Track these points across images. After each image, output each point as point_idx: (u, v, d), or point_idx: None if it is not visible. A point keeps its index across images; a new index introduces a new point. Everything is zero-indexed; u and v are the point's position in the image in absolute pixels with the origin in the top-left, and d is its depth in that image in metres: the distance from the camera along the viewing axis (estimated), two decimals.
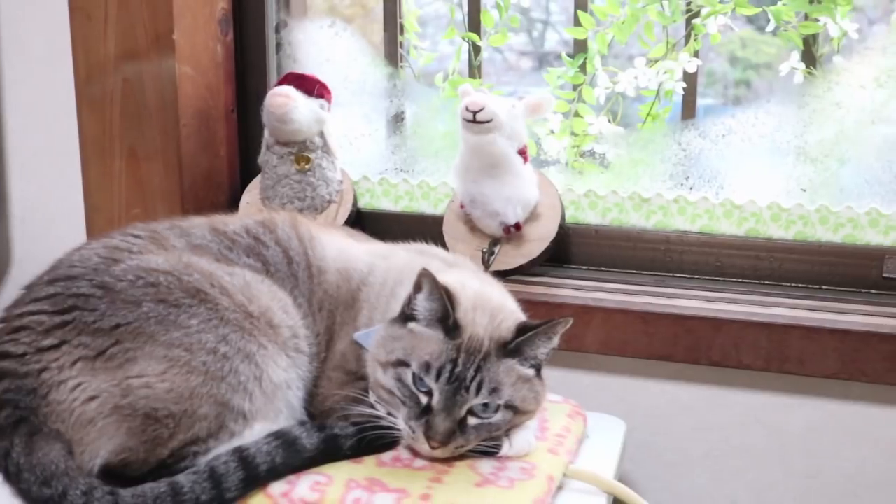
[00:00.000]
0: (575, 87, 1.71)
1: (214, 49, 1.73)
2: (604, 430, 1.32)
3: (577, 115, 1.72)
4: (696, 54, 1.63)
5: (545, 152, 1.73)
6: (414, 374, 1.08)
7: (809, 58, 1.58)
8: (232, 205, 1.76)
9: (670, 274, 1.60)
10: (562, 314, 1.12)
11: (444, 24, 1.79)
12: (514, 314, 1.17)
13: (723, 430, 1.46)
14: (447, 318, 1.10)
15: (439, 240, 1.55)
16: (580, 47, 1.70)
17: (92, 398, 1.04)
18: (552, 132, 1.73)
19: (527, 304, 1.24)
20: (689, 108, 1.66)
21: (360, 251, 1.29)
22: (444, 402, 1.07)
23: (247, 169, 1.82)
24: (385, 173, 1.79)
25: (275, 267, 1.21)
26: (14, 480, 1.04)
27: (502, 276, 1.45)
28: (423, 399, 1.08)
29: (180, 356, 1.06)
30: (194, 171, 1.69)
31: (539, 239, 1.55)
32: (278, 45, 1.83)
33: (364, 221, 1.72)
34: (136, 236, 1.20)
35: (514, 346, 1.10)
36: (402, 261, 1.26)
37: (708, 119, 1.64)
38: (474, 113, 1.47)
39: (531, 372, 1.13)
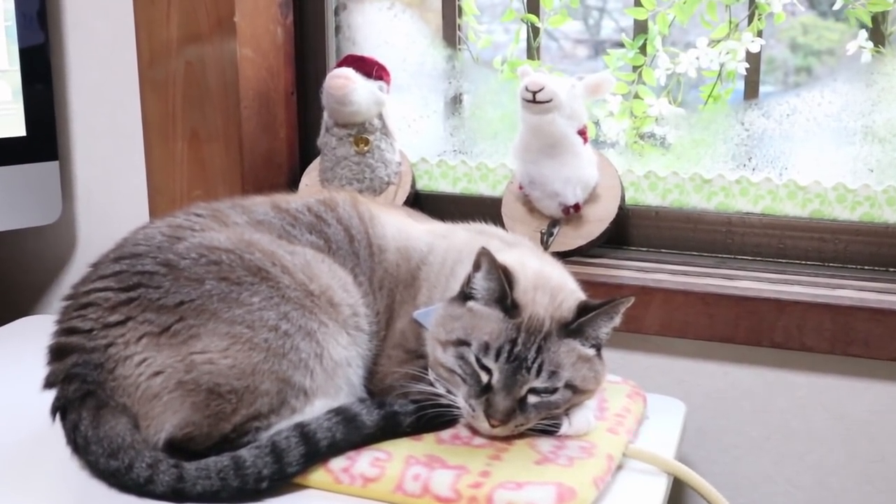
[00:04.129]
0: (635, 69, 1.70)
1: (275, 32, 1.74)
2: (663, 412, 1.31)
3: (636, 96, 1.70)
4: (759, 34, 1.60)
5: (604, 134, 1.71)
6: (474, 354, 1.08)
7: (878, 36, 1.54)
8: (291, 186, 1.77)
9: (731, 256, 1.58)
10: (621, 295, 1.11)
11: (503, 9, 1.78)
12: (574, 293, 1.16)
13: (784, 414, 1.43)
14: (506, 298, 1.10)
15: (498, 221, 1.54)
16: (640, 28, 1.68)
17: (157, 373, 1.06)
18: (611, 114, 1.71)
19: (586, 284, 1.23)
20: (752, 89, 1.63)
21: (420, 230, 1.29)
22: (503, 381, 1.07)
23: (306, 151, 1.83)
24: (443, 155, 1.79)
25: (336, 245, 1.22)
26: (82, 452, 1.05)
27: (561, 257, 1.43)
28: (484, 377, 1.08)
29: (242, 333, 1.07)
30: (254, 153, 1.71)
31: (598, 220, 1.54)
32: (337, 28, 1.84)
33: (422, 203, 1.72)
34: (198, 215, 1.21)
35: (575, 326, 1.10)
36: (462, 240, 1.26)
37: (771, 101, 1.61)
38: (534, 93, 1.46)
39: (592, 352, 1.12)
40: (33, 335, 1.18)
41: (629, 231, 1.63)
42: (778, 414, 1.44)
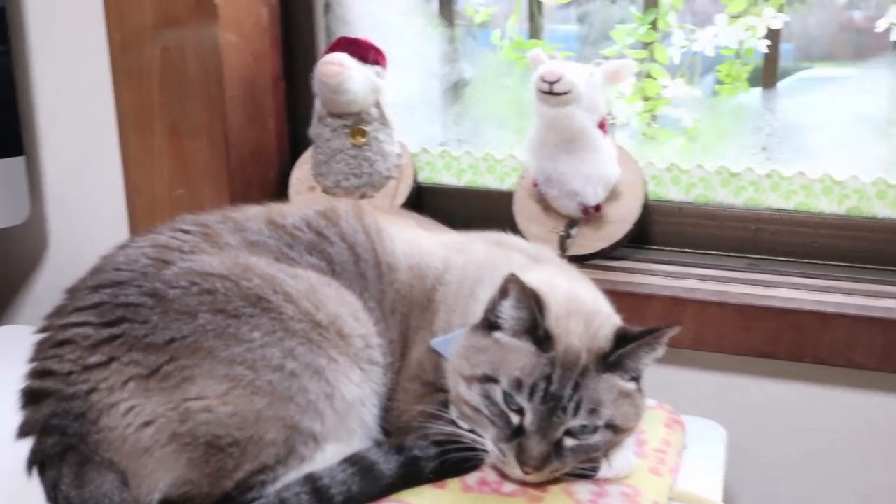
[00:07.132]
0: (646, 46, 1.57)
1: (259, 13, 1.60)
2: (703, 439, 1.21)
3: (648, 76, 1.58)
4: (780, 9, 1.49)
5: (614, 117, 1.59)
6: (504, 392, 0.97)
7: None
8: (282, 181, 1.65)
9: (761, 256, 1.47)
10: (651, 308, 1.02)
11: None
12: (610, 318, 1.05)
13: (828, 433, 1.34)
14: (537, 329, 0.98)
15: (507, 217, 1.45)
16: (650, 2, 1.56)
17: (147, 423, 0.94)
18: (622, 96, 1.59)
19: (610, 294, 1.12)
20: (770, 69, 1.52)
21: (433, 244, 1.17)
22: (538, 423, 0.96)
23: (297, 142, 1.70)
24: (446, 145, 1.67)
25: (341, 266, 1.09)
26: None
27: (580, 261, 1.34)
28: (515, 419, 0.97)
29: (243, 375, 0.95)
30: (241, 147, 1.58)
31: (620, 220, 1.42)
32: (327, 6, 1.70)
33: (425, 197, 1.60)
34: (185, 231, 1.09)
35: (614, 358, 0.99)
36: (481, 255, 1.14)
37: (802, 84, 1.50)
38: (551, 84, 1.33)
39: (633, 385, 1.01)
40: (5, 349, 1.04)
41: (650, 228, 1.52)
42: (821, 433, 1.35)
